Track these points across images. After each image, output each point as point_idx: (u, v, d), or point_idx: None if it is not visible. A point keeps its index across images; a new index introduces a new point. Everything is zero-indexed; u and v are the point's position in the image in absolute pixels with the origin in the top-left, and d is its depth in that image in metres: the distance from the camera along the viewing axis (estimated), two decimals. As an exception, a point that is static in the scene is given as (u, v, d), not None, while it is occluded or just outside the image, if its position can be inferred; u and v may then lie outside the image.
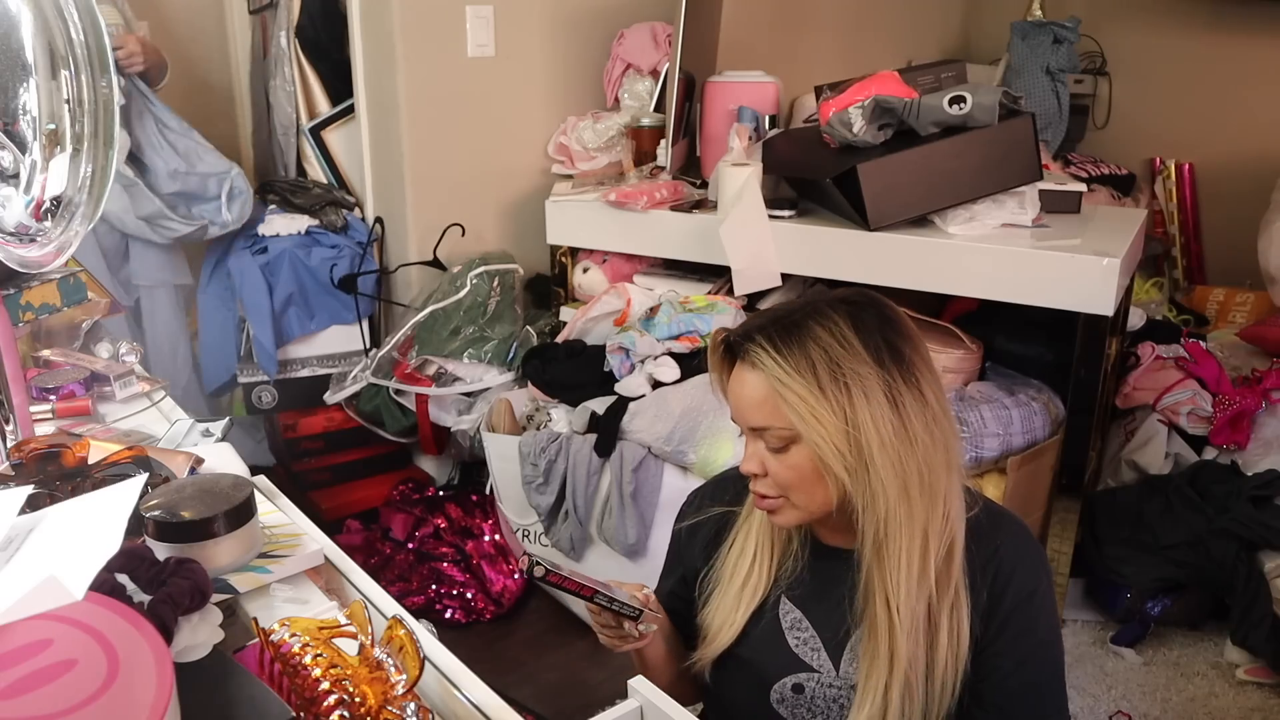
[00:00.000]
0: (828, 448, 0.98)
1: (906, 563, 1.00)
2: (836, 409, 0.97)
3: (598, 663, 2.23)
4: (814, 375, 0.98)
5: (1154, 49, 3.62)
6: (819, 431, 0.98)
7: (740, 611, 1.13)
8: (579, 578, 1.04)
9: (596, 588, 1.06)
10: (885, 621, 1.02)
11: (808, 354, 0.98)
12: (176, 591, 0.83)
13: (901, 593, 1.00)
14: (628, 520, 2.14)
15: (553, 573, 1.02)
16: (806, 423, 0.98)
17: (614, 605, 1.08)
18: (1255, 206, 3.11)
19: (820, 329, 0.99)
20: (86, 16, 0.97)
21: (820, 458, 0.99)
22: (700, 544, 1.21)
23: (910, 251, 2.09)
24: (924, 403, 1.00)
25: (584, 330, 2.46)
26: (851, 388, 0.97)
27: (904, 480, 0.99)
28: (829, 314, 1.01)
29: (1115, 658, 2.22)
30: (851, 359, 0.98)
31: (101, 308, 1.65)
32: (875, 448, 0.98)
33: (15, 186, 0.99)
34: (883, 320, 1.02)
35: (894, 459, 0.98)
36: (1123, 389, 2.47)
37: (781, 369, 0.99)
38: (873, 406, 0.97)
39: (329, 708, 0.72)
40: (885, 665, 1.02)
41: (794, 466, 1.01)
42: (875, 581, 1.03)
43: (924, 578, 1.01)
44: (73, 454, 1.09)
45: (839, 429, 0.97)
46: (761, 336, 1.00)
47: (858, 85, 2.13)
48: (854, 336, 0.99)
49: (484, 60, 2.64)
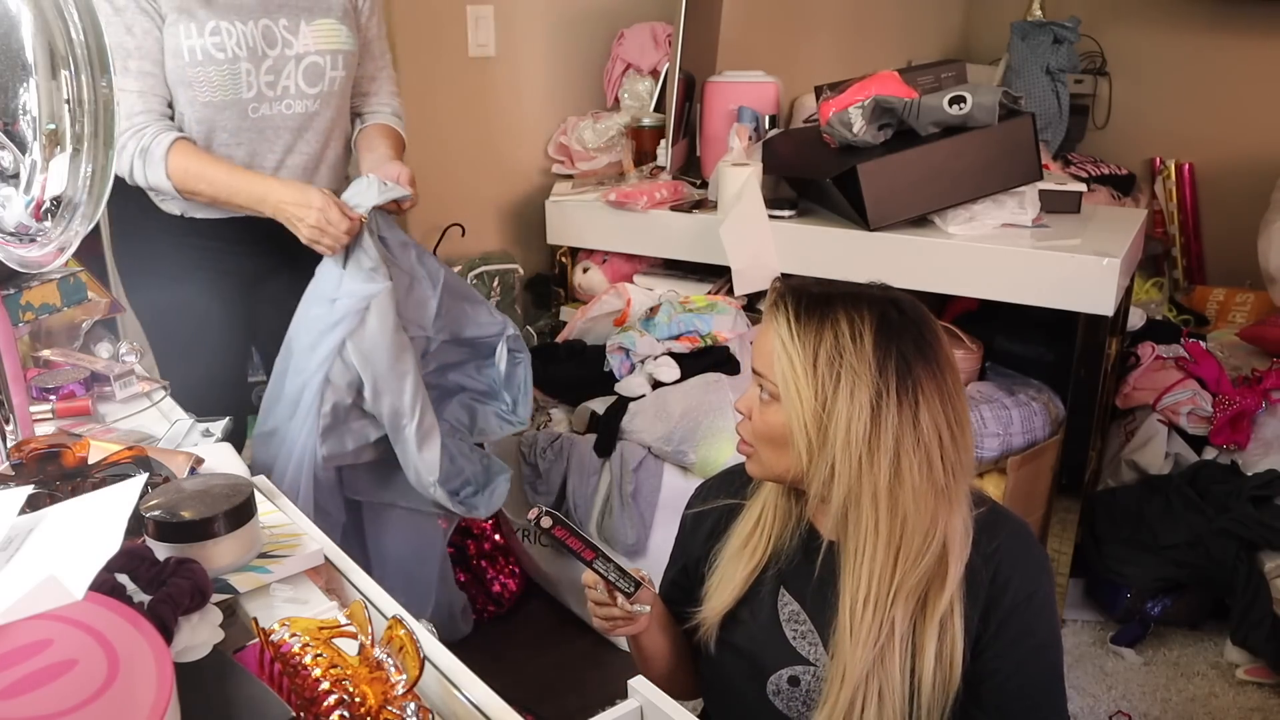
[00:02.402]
0: (797, 421, 1.02)
1: (868, 573, 1.02)
2: (819, 390, 1.01)
3: (598, 663, 2.23)
4: (813, 352, 1.01)
5: (1154, 49, 3.62)
6: (795, 402, 1.02)
7: (740, 570, 1.14)
8: (583, 539, 1.09)
9: (598, 554, 1.10)
10: (845, 625, 1.03)
11: (820, 333, 1.02)
12: (176, 591, 0.83)
13: (860, 599, 1.02)
14: (627, 520, 2.14)
15: (559, 526, 1.07)
16: (788, 390, 1.02)
17: (611, 574, 1.11)
18: (1255, 206, 3.11)
19: (844, 317, 1.02)
20: (86, 16, 0.97)
21: (790, 426, 1.03)
22: (703, 534, 1.23)
23: (910, 251, 2.09)
24: (913, 426, 1.00)
25: (584, 330, 2.46)
26: (842, 379, 1.00)
27: (862, 488, 1.01)
28: (862, 308, 1.03)
29: (1115, 658, 2.22)
30: (855, 356, 1.00)
31: (101, 308, 1.65)
32: (839, 443, 1.00)
33: (15, 186, 0.99)
34: (912, 337, 1.02)
35: (855, 462, 1.00)
36: (1123, 389, 2.47)
37: (789, 332, 1.03)
38: (853, 406, 0.99)
39: (329, 708, 0.72)
40: (839, 671, 1.04)
41: (769, 424, 1.06)
42: (840, 581, 1.05)
43: (890, 595, 1.02)
44: (73, 454, 1.09)
45: (812, 408, 1.01)
46: (793, 299, 1.05)
47: (858, 85, 2.13)
48: (870, 338, 1.00)
49: (484, 60, 2.64)
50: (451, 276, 1.82)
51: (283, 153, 1.72)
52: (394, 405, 1.67)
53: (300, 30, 1.65)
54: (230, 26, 1.59)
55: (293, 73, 1.67)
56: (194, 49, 1.58)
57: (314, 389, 1.65)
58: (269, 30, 1.63)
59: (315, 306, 1.66)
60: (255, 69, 1.63)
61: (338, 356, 1.64)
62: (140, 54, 1.57)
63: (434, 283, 1.76)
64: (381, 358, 1.64)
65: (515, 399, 1.91)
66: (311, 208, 1.57)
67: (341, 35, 1.71)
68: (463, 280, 1.90)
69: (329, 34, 1.69)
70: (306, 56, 1.67)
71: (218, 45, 1.58)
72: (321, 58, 1.69)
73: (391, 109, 1.87)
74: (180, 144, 1.60)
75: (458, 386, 1.93)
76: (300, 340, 1.67)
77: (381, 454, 1.78)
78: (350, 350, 1.63)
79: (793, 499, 1.13)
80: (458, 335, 1.85)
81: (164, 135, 1.59)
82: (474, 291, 1.90)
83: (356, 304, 1.62)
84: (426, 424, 1.70)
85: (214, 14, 1.58)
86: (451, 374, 1.92)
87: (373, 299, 1.62)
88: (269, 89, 1.65)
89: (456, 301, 1.83)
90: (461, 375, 1.92)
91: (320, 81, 1.70)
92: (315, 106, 1.71)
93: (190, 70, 1.59)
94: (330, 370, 1.64)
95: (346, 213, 1.59)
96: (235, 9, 1.59)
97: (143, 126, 1.58)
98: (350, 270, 1.62)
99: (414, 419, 1.68)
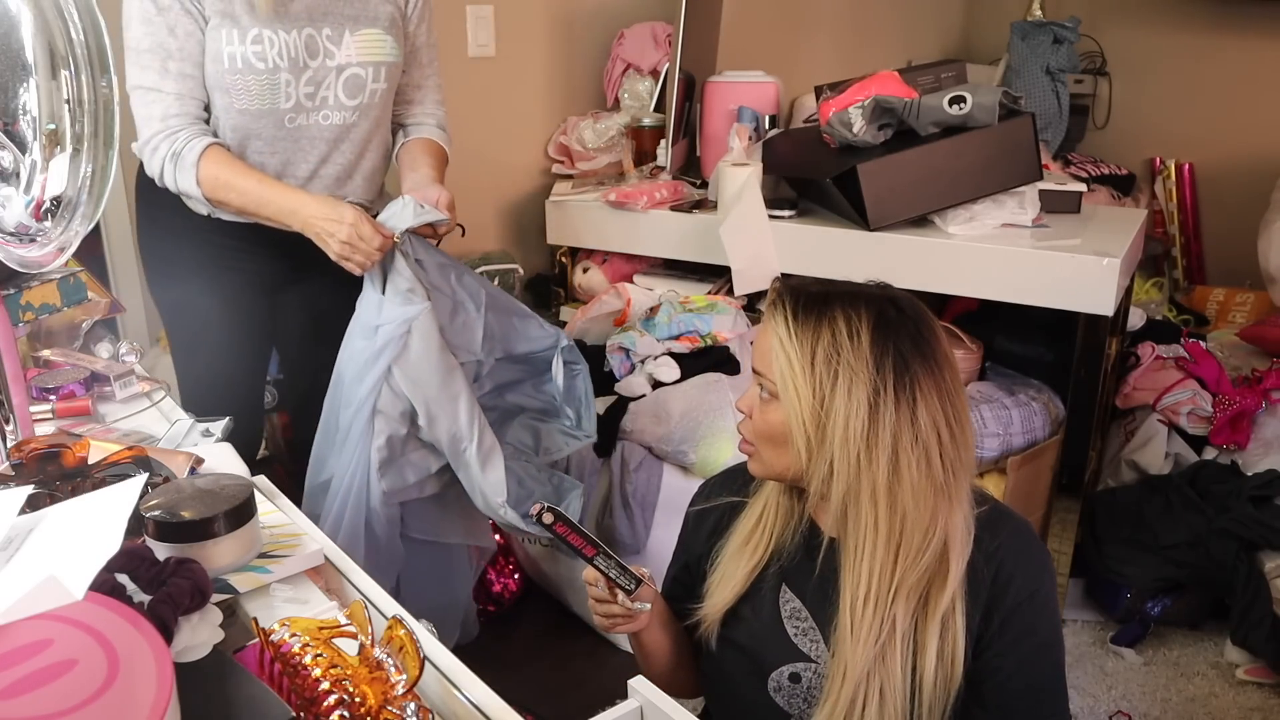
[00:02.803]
0: (795, 419, 1.03)
1: (868, 571, 1.02)
2: (817, 388, 1.01)
3: (598, 663, 2.23)
4: (811, 350, 1.02)
5: (1154, 49, 3.62)
6: (793, 400, 1.03)
7: (742, 567, 1.15)
8: (585, 535, 1.08)
9: (599, 550, 1.09)
10: (846, 622, 1.04)
11: (817, 331, 1.02)
12: (176, 591, 0.83)
13: (860, 596, 1.02)
14: (627, 520, 2.14)
15: (561, 522, 1.06)
16: (786, 388, 1.03)
17: (612, 571, 1.11)
18: (1255, 206, 3.11)
19: (841, 315, 1.02)
20: (86, 16, 0.97)
21: (789, 425, 1.03)
22: (706, 532, 1.23)
23: (910, 251, 2.09)
24: (910, 423, 1.00)
25: (584, 330, 2.46)
26: (839, 376, 1.00)
27: (861, 486, 1.01)
28: (859, 306, 1.03)
29: (1115, 658, 2.22)
30: (852, 354, 1.00)
31: (101, 308, 1.65)
32: (837, 441, 1.01)
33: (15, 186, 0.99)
34: (909, 334, 1.02)
35: (853, 459, 1.00)
36: (1123, 389, 2.47)
37: (787, 331, 1.04)
38: (851, 403, 1.00)
39: (329, 708, 0.72)
40: (840, 668, 1.04)
41: (769, 423, 1.06)
42: (841, 579, 1.05)
43: (890, 592, 1.02)
44: (73, 454, 1.09)
45: (810, 406, 1.01)
46: (791, 298, 1.05)
47: (858, 85, 2.13)
48: (867, 335, 1.01)
49: (484, 60, 2.64)
50: (495, 292, 1.77)
51: (317, 162, 1.68)
52: (450, 429, 1.62)
53: (344, 40, 1.62)
54: (273, 35, 1.55)
55: (333, 84, 1.63)
56: (234, 56, 1.54)
57: (363, 420, 1.61)
58: (312, 40, 1.59)
59: (358, 339, 1.62)
60: (295, 79, 1.59)
61: (385, 385, 1.59)
62: (181, 56, 1.54)
63: (476, 304, 1.72)
64: (431, 380, 1.59)
65: (579, 412, 1.86)
66: (343, 223, 1.53)
67: (386, 47, 1.67)
68: (507, 295, 1.84)
69: (373, 45, 1.65)
70: (348, 68, 1.63)
71: (259, 55, 1.55)
72: (363, 69, 1.65)
73: (436, 120, 1.82)
74: (213, 150, 1.56)
75: (517, 408, 1.88)
76: (347, 373, 1.63)
77: (444, 485, 1.73)
78: (398, 377, 1.59)
79: (794, 497, 1.14)
80: (510, 352, 1.80)
81: (197, 140, 1.56)
82: (521, 305, 1.84)
83: (398, 329, 1.57)
84: (487, 444, 1.65)
85: (257, 21, 1.54)
86: (509, 395, 1.87)
87: (413, 321, 1.57)
88: (308, 100, 1.62)
89: (504, 318, 1.78)
90: (519, 395, 1.87)
91: (360, 94, 1.66)
92: (353, 118, 1.67)
93: (229, 77, 1.56)
94: (379, 400, 1.60)
95: (379, 230, 1.55)
96: (279, 17, 1.55)
97: (176, 130, 1.56)
98: (389, 295, 1.58)
99: (473, 440, 1.63)
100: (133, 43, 1.54)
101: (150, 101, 1.55)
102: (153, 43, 1.53)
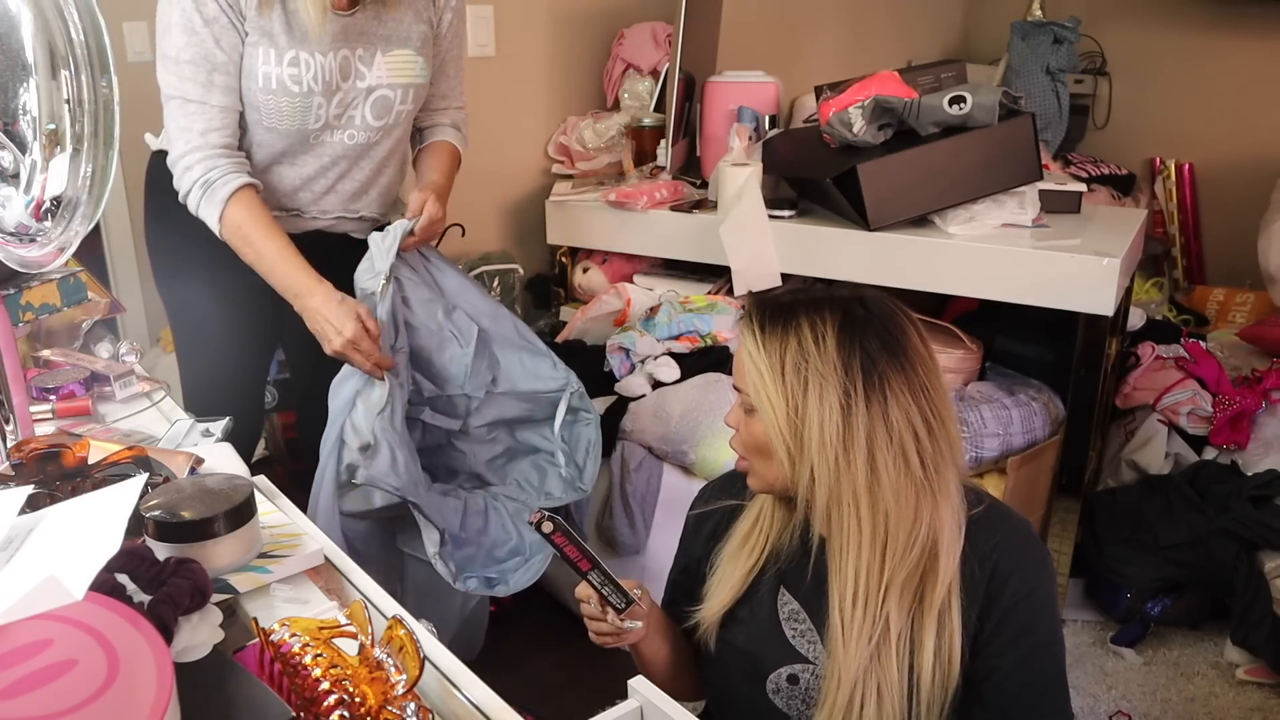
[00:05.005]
0: (774, 430, 1.04)
1: (854, 571, 1.03)
2: (789, 397, 1.02)
3: (598, 663, 2.22)
4: (780, 361, 1.03)
5: (1154, 49, 3.62)
6: (769, 411, 1.04)
7: (739, 569, 1.15)
8: (582, 549, 1.08)
9: (594, 565, 1.09)
10: (837, 624, 1.04)
11: (784, 340, 1.03)
12: (176, 591, 0.83)
13: (849, 597, 1.03)
14: (627, 520, 2.14)
15: (559, 533, 1.05)
16: (760, 400, 1.04)
17: (604, 588, 1.10)
18: (1255, 206, 3.11)
19: (806, 322, 1.03)
20: (86, 16, 0.97)
21: (768, 434, 1.04)
22: (705, 535, 1.24)
23: (910, 251, 2.09)
24: (883, 422, 1.01)
25: (584, 330, 2.46)
26: (809, 382, 1.01)
27: (842, 488, 1.01)
28: (823, 311, 1.04)
29: (1115, 658, 2.22)
30: (819, 359, 1.01)
31: (101, 308, 1.65)
32: (815, 447, 1.01)
33: (15, 186, 0.99)
34: (876, 334, 1.03)
35: (832, 462, 1.01)
36: (1123, 389, 2.47)
37: (755, 344, 1.05)
38: (823, 408, 1.01)
39: (329, 708, 0.72)
40: (835, 669, 1.04)
41: (754, 435, 1.08)
42: (829, 582, 1.05)
43: (880, 592, 1.02)
44: (73, 454, 1.09)
45: (786, 415, 1.02)
46: (758, 311, 1.07)
47: (858, 85, 2.13)
48: (832, 338, 1.02)
49: (484, 60, 2.64)
50: (502, 328, 1.78)
51: (335, 178, 1.69)
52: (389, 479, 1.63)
53: (375, 61, 1.61)
54: (310, 58, 1.54)
55: (361, 104, 1.63)
56: (269, 76, 1.54)
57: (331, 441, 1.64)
58: (346, 62, 1.58)
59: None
60: (327, 102, 1.59)
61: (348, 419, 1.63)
62: (226, 70, 1.53)
63: (465, 339, 1.73)
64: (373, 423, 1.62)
65: (582, 463, 1.84)
66: (341, 335, 1.55)
67: (416, 68, 1.66)
68: (524, 329, 1.84)
69: (404, 67, 1.65)
70: (378, 89, 1.63)
71: (294, 78, 1.55)
72: (392, 91, 1.64)
73: (451, 120, 1.82)
74: (244, 194, 1.55)
75: (531, 447, 1.88)
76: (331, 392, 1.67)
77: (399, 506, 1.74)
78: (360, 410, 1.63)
79: (788, 501, 1.14)
80: (515, 388, 1.80)
81: (233, 178, 1.54)
82: (536, 343, 1.83)
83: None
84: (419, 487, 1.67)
85: (294, 42, 1.53)
86: (521, 432, 1.87)
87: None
88: (336, 120, 1.63)
89: (510, 353, 1.79)
90: (536, 435, 1.88)
91: (387, 115, 1.66)
92: (377, 138, 1.68)
93: (262, 96, 1.55)
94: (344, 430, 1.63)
95: (374, 340, 1.57)
96: (316, 39, 1.54)
97: (217, 157, 1.54)
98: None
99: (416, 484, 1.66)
100: (173, 52, 1.52)
101: (191, 113, 1.54)
102: (196, 54, 1.51)
